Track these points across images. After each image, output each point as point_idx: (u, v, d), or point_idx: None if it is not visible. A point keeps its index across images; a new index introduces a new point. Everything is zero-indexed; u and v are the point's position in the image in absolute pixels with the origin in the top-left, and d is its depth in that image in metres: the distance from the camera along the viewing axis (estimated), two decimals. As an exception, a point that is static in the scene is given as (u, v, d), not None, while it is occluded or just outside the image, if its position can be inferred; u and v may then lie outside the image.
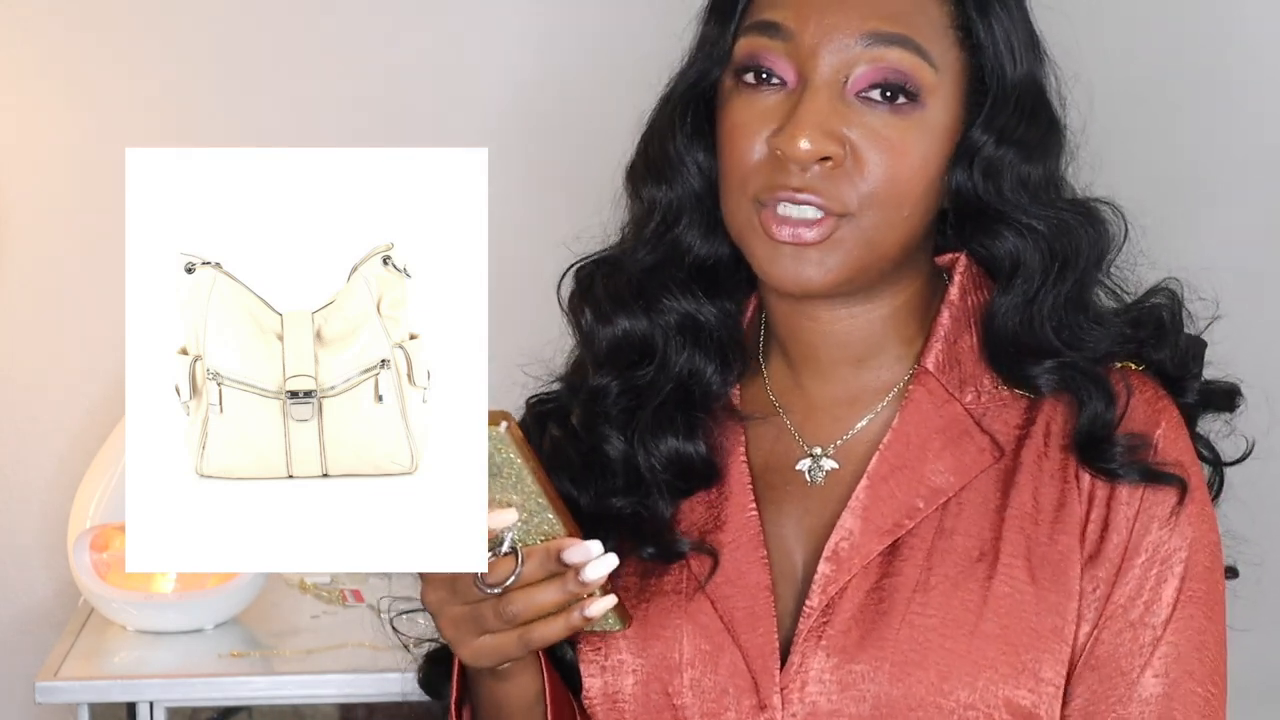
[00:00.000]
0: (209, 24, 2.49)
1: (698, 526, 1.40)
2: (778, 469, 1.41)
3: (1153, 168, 2.37)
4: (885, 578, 1.34)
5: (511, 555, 1.26)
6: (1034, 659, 1.32)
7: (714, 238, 1.41)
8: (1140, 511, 1.35)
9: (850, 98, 1.31)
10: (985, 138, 1.35)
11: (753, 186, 1.33)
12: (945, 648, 1.31)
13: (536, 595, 1.26)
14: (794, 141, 1.30)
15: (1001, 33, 1.35)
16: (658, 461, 1.40)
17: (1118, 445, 1.35)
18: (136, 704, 2.10)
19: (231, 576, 2.23)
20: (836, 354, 1.40)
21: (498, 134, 2.49)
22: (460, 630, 1.29)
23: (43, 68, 2.47)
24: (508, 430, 1.23)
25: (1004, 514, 1.35)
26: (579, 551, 1.26)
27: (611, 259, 1.44)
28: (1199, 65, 2.41)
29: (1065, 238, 1.37)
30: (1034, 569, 1.33)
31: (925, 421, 1.38)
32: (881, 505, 1.36)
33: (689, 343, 1.42)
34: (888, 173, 1.32)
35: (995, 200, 1.36)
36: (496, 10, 2.50)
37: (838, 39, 1.31)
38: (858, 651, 1.32)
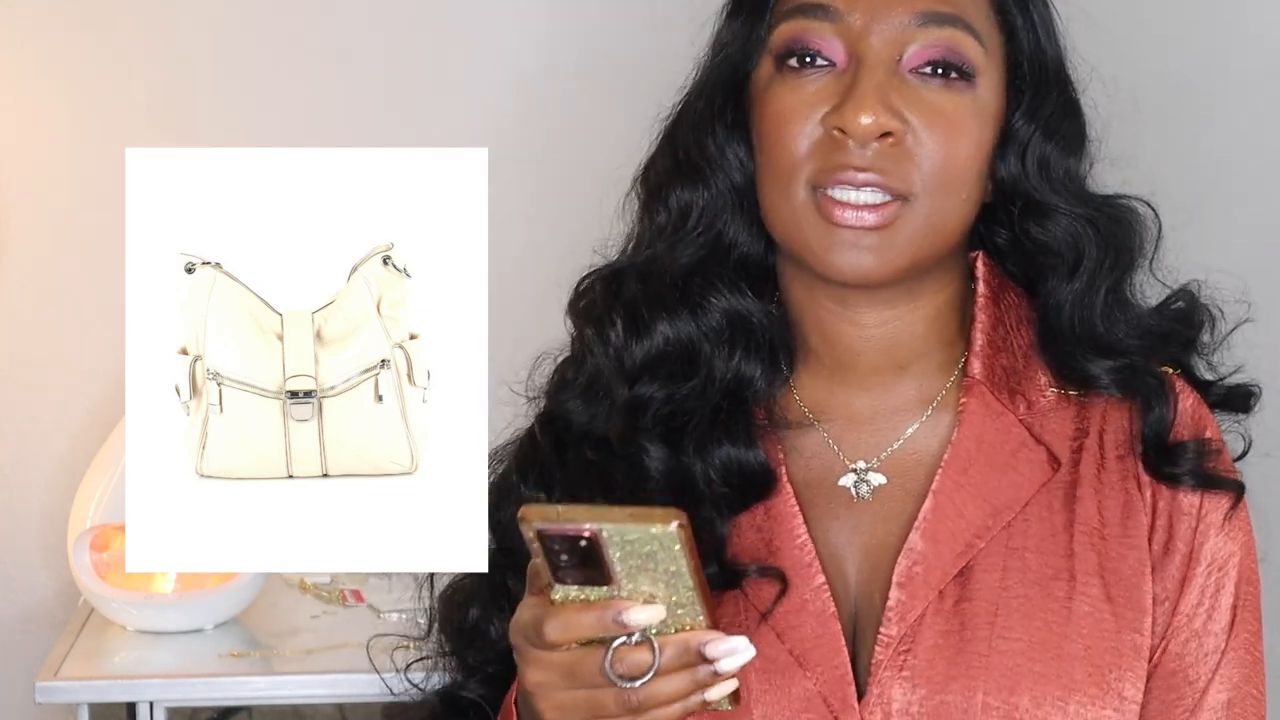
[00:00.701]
0: (209, 24, 2.49)
1: (749, 553, 1.33)
2: (819, 485, 1.36)
3: (1175, 168, 2.35)
4: (962, 601, 1.30)
5: (646, 645, 1.15)
6: (1117, 678, 1.29)
7: (756, 233, 1.36)
8: (1200, 521, 1.33)
9: (905, 74, 1.29)
10: (1032, 128, 1.33)
11: (807, 171, 1.29)
12: (1035, 671, 1.28)
13: (666, 685, 1.15)
14: (857, 116, 1.26)
15: (1040, 20, 1.34)
16: (715, 473, 1.33)
17: (1188, 450, 1.33)
18: (136, 704, 2.10)
19: (231, 576, 2.23)
20: (879, 360, 1.36)
21: (498, 134, 2.49)
22: (566, 714, 1.18)
23: (43, 68, 2.47)
24: (679, 529, 1.12)
25: (1072, 530, 1.32)
26: (724, 647, 1.15)
27: (643, 262, 1.38)
28: (1227, 65, 2.41)
29: (1116, 228, 1.35)
30: (1108, 585, 1.31)
31: (983, 435, 1.34)
32: (950, 525, 1.32)
33: (737, 345, 1.36)
34: (948, 151, 1.29)
35: (1047, 192, 1.34)
36: (497, 10, 2.50)
37: (891, 18, 1.29)
38: (947, 681, 1.28)
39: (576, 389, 1.39)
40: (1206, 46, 2.42)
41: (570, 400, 1.39)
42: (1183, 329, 1.39)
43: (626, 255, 1.40)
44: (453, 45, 2.50)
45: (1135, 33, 2.39)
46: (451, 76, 2.50)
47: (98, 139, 2.46)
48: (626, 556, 1.14)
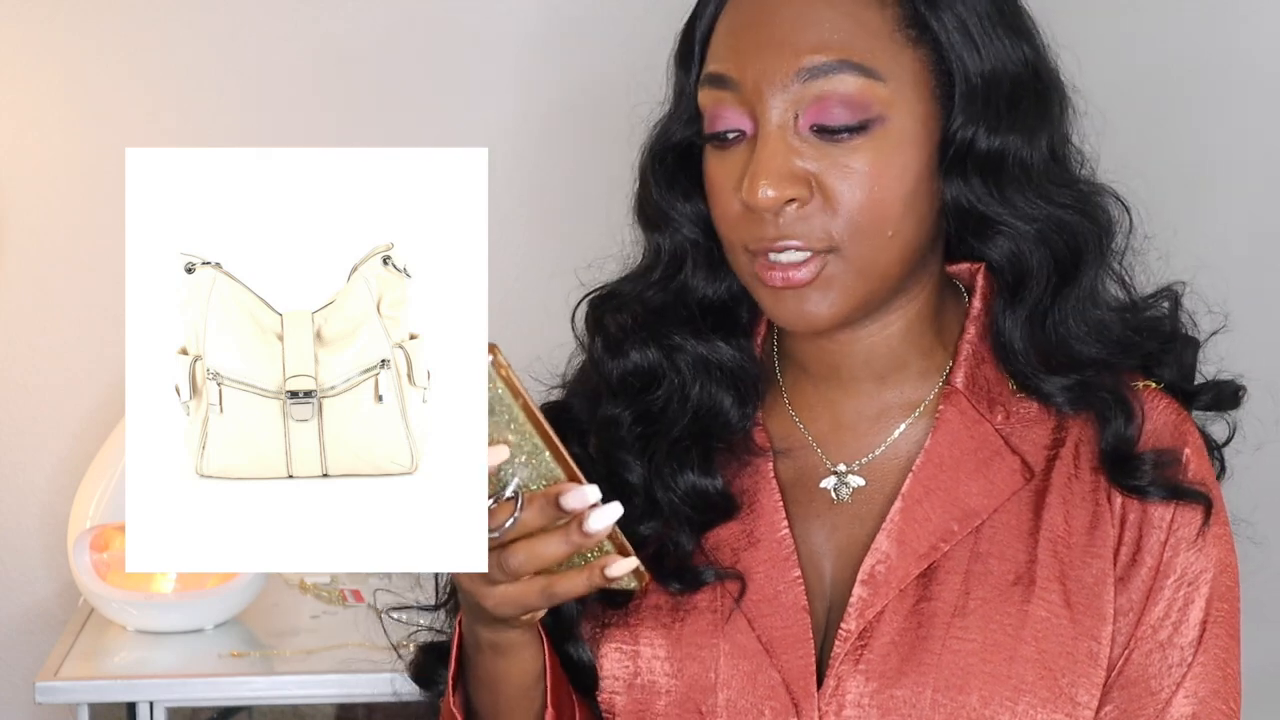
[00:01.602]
0: (209, 24, 2.49)
1: (729, 544, 1.38)
2: (803, 485, 1.39)
3: (1150, 165, 2.36)
4: (922, 601, 1.33)
5: (512, 501, 1.21)
6: (1070, 683, 1.31)
7: (719, 277, 1.40)
8: (1170, 535, 1.34)
9: (806, 134, 1.29)
10: (968, 133, 1.31)
11: (741, 239, 1.32)
12: (986, 671, 1.30)
13: (539, 546, 1.22)
14: (755, 193, 1.28)
15: (955, 21, 1.31)
16: (676, 496, 1.38)
17: (1146, 462, 1.34)
18: (136, 704, 2.10)
19: (231, 576, 2.23)
20: (859, 371, 1.39)
21: (498, 134, 2.49)
22: (475, 581, 1.25)
23: (43, 68, 2.47)
24: (493, 364, 1.17)
25: (1037, 537, 1.34)
26: (576, 496, 1.20)
27: (620, 295, 1.42)
28: (1206, 60, 2.41)
29: (1069, 239, 1.34)
30: (1069, 593, 1.32)
31: (957, 442, 1.36)
32: (916, 528, 1.34)
33: (703, 378, 1.40)
34: (860, 199, 1.29)
35: (992, 203, 1.33)
36: (497, 10, 2.50)
37: (777, 80, 1.29)
38: (898, 676, 1.31)
39: (580, 386, 1.45)
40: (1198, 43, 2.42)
41: (575, 396, 1.45)
42: (1149, 340, 1.39)
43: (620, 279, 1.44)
44: (453, 45, 2.50)
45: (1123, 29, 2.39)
46: (451, 76, 2.50)
47: (98, 139, 2.47)
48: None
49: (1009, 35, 1.33)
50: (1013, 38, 1.33)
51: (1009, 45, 1.33)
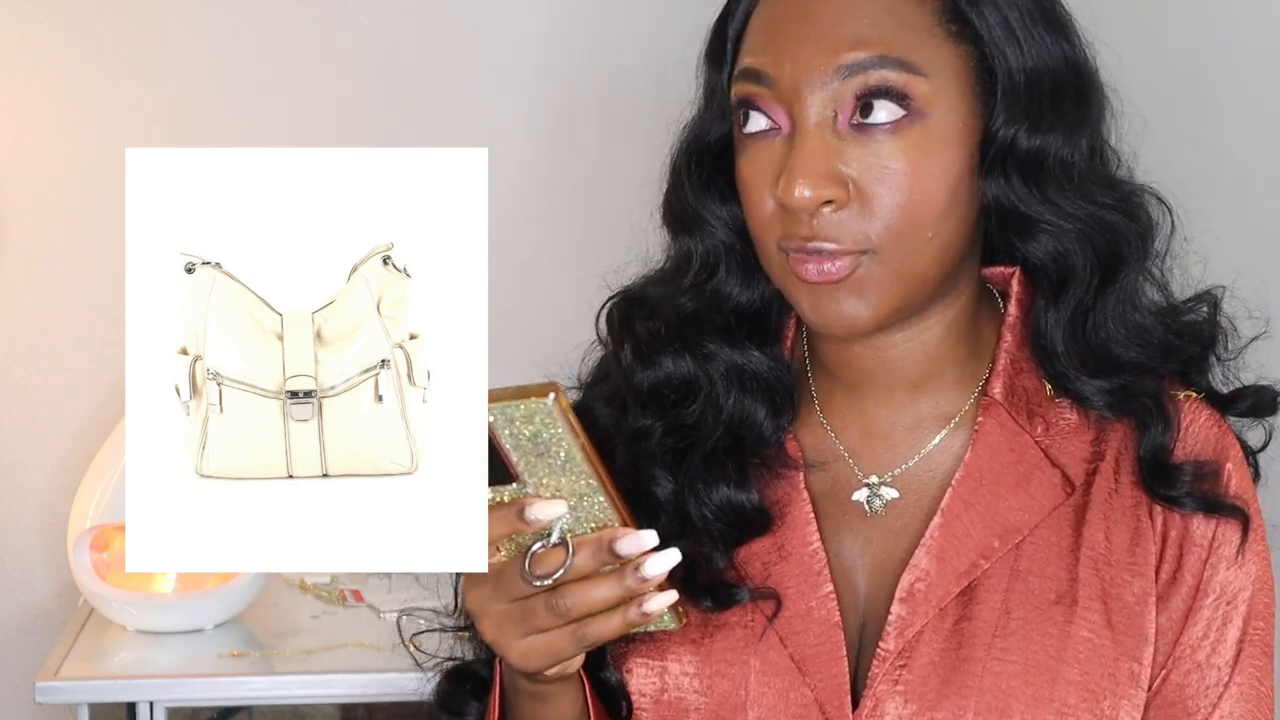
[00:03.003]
0: (209, 24, 2.49)
1: (759, 557, 1.34)
2: (835, 497, 1.36)
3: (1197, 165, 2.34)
4: (962, 621, 1.30)
5: (562, 545, 1.17)
6: (1112, 705, 1.28)
7: (753, 283, 1.36)
8: (1211, 553, 1.32)
9: (845, 131, 1.26)
10: (1010, 131, 1.29)
11: (774, 235, 1.28)
12: (1028, 694, 1.27)
13: (592, 590, 1.18)
14: (790, 192, 1.24)
15: (997, 17, 1.28)
16: (710, 511, 1.33)
17: (1185, 473, 1.31)
18: (136, 704, 2.10)
19: (231, 576, 2.23)
20: (894, 379, 1.35)
21: (498, 134, 2.49)
22: (505, 630, 1.20)
23: (43, 68, 2.47)
24: (555, 402, 1.11)
25: (1078, 554, 1.31)
26: (632, 542, 1.17)
27: (651, 300, 1.38)
28: (1251, 63, 2.41)
29: (1111, 239, 1.31)
30: (1110, 613, 1.30)
31: (997, 456, 1.33)
32: (956, 544, 1.31)
33: (737, 388, 1.35)
34: (899, 202, 1.26)
35: (1033, 202, 1.30)
36: (497, 10, 2.50)
37: (815, 77, 1.25)
38: (939, 699, 1.28)
39: (604, 390, 1.40)
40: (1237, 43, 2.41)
41: (597, 400, 1.40)
42: (1190, 345, 1.36)
43: (648, 280, 1.39)
44: (453, 45, 2.50)
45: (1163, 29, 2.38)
46: (451, 76, 2.50)
47: (98, 139, 2.47)
48: (518, 445, 1.14)
49: (1050, 32, 1.30)
50: (1053, 34, 1.30)
51: (1050, 42, 1.30)
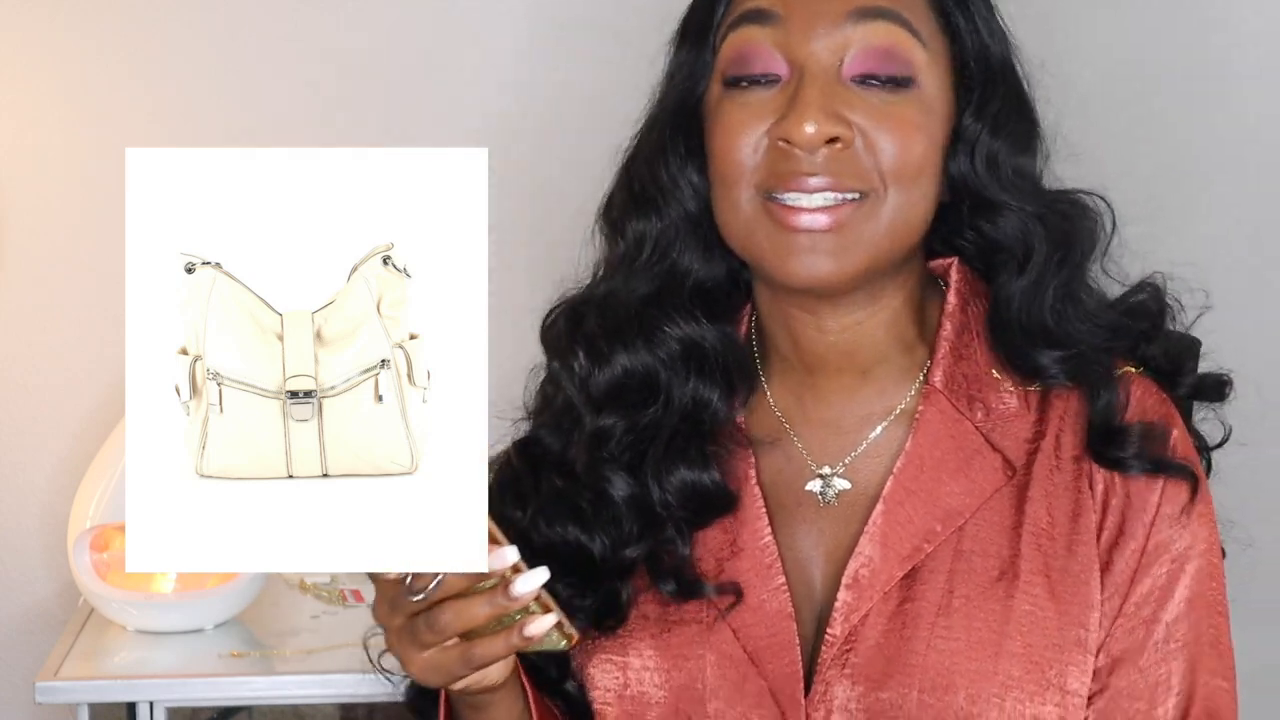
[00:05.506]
0: (208, 24, 2.49)
1: (713, 553, 1.38)
2: (789, 489, 1.39)
3: (1142, 162, 2.37)
4: (906, 602, 1.33)
5: None
6: (1058, 673, 1.31)
7: (712, 258, 1.40)
8: (1156, 514, 1.34)
9: (847, 81, 1.30)
10: (979, 126, 1.34)
11: (755, 179, 1.31)
12: (971, 669, 1.31)
13: (464, 608, 1.22)
14: (800, 126, 1.28)
15: (981, 19, 1.35)
16: (672, 496, 1.37)
17: (1133, 433, 1.34)
18: (136, 704, 2.10)
19: (231, 576, 2.23)
20: (842, 364, 1.39)
21: (498, 134, 2.49)
22: (403, 645, 1.26)
23: (43, 68, 2.47)
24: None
25: (1020, 531, 1.34)
26: (495, 559, 1.21)
27: (601, 295, 1.42)
28: (1189, 58, 2.41)
29: (1066, 224, 1.37)
30: (1054, 584, 1.33)
31: (937, 442, 1.37)
32: (899, 530, 1.35)
33: (692, 371, 1.39)
34: (902, 147, 1.30)
35: (996, 189, 1.35)
36: (496, 10, 2.50)
37: (828, 16, 1.30)
38: (884, 679, 1.31)
39: (549, 417, 1.43)
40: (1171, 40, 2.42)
41: (543, 427, 1.44)
42: (1139, 321, 1.40)
43: (588, 287, 1.43)
44: (452, 45, 2.50)
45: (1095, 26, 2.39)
46: (451, 76, 2.50)
47: (98, 139, 2.47)
48: None
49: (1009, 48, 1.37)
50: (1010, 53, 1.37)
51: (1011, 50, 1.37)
